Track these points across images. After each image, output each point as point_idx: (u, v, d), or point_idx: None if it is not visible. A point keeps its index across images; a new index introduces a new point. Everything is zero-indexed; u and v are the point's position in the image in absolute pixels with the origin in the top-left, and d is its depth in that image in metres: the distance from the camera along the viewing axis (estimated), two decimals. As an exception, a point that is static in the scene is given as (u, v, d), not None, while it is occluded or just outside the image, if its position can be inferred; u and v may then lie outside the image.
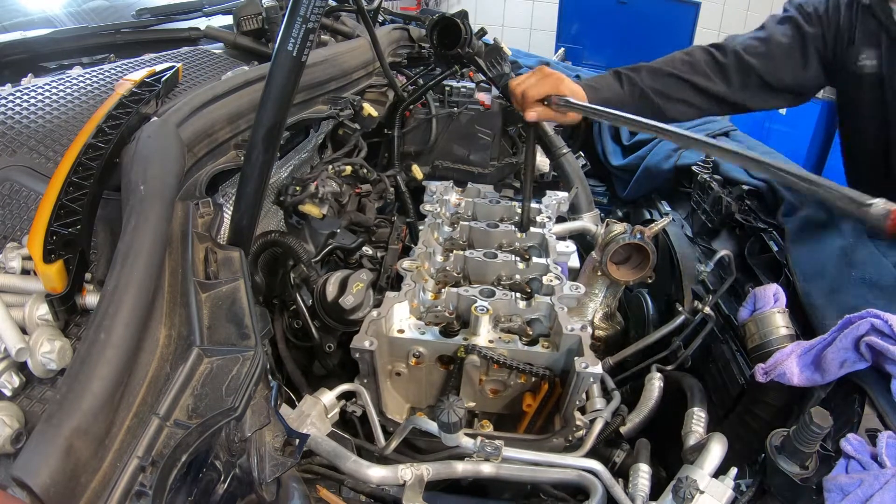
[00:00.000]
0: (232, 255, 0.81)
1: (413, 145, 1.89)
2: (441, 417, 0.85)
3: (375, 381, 1.02)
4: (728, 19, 5.68)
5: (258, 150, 0.82)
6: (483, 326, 1.03)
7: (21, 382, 0.63)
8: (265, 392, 0.70)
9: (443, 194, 1.45)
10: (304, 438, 0.74)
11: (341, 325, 1.10)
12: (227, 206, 1.03)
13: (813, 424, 0.77)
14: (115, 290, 0.62)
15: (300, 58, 0.77)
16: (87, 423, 0.52)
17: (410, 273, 1.13)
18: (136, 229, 0.69)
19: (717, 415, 1.14)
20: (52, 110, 0.97)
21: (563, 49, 5.20)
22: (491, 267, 1.19)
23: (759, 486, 0.87)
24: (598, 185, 2.29)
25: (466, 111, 1.86)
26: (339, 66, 1.54)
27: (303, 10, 0.74)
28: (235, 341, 0.68)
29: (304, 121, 1.34)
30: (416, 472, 0.87)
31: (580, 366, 0.94)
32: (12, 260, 0.70)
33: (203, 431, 0.58)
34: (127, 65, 1.24)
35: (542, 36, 6.46)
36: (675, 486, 0.84)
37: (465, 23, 1.61)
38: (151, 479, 0.53)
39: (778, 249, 1.30)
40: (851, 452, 0.80)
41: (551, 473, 0.90)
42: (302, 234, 1.26)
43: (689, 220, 1.71)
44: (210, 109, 1.04)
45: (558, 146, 1.75)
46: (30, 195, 0.81)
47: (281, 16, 1.42)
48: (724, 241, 1.53)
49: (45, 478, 0.48)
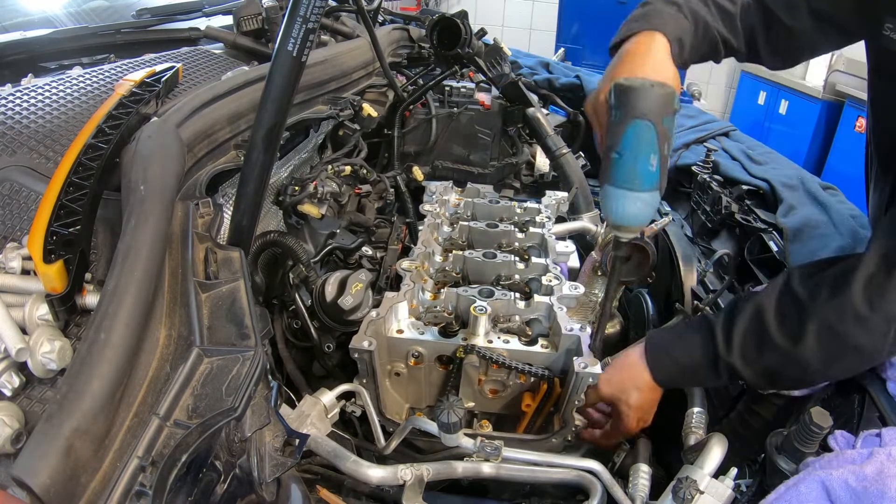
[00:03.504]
0: (232, 255, 0.81)
1: (413, 145, 1.89)
2: (441, 418, 0.85)
3: (375, 382, 1.02)
4: (728, 19, 5.68)
5: (258, 150, 0.82)
6: (482, 326, 1.03)
7: (21, 382, 0.63)
8: (265, 392, 0.70)
9: (442, 194, 1.45)
10: (304, 438, 0.74)
11: (340, 326, 1.10)
12: (227, 206, 1.03)
13: (813, 424, 0.78)
14: (115, 290, 0.62)
15: (300, 58, 0.77)
16: (87, 423, 0.52)
17: (410, 273, 1.13)
18: (136, 229, 0.69)
19: (716, 415, 1.14)
20: (52, 110, 0.98)
21: (563, 49, 5.20)
22: (490, 267, 1.19)
23: (759, 486, 0.87)
24: (597, 186, 2.29)
25: (466, 111, 1.86)
26: (339, 66, 1.54)
27: (303, 10, 0.74)
28: (235, 341, 0.68)
29: (304, 121, 1.34)
30: (415, 472, 0.87)
31: (579, 366, 0.94)
32: (12, 260, 0.70)
33: (203, 431, 0.58)
34: (127, 65, 1.24)
35: (542, 36, 6.46)
36: (675, 486, 0.84)
37: (465, 23, 1.61)
38: (151, 479, 0.53)
39: (778, 249, 1.30)
40: (837, 449, 0.81)
41: (551, 473, 0.90)
42: (301, 234, 1.26)
43: (689, 220, 1.71)
44: (210, 109, 1.04)
45: (558, 146, 1.75)
46: (30, 195, 0.81)
47: (281, 16, 1.42)
48: (724, 241, 1.53)
49: (45, 478, 0.48)
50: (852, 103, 4.38)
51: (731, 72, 6.33)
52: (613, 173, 0.82)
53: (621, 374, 1.02)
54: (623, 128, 0.79)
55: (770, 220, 1.39)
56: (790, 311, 0.87)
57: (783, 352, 0.86)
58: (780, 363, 0.88)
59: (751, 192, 1.51)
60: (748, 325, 0.90)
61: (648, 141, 0.78)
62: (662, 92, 0.79)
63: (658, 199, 0.85)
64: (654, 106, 0.78)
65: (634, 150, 0.79)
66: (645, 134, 0.78)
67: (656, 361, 1.00)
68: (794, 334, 0.85)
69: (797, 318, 0.86)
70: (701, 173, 1.64)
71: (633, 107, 0.77)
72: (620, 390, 1.01)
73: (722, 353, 0.91)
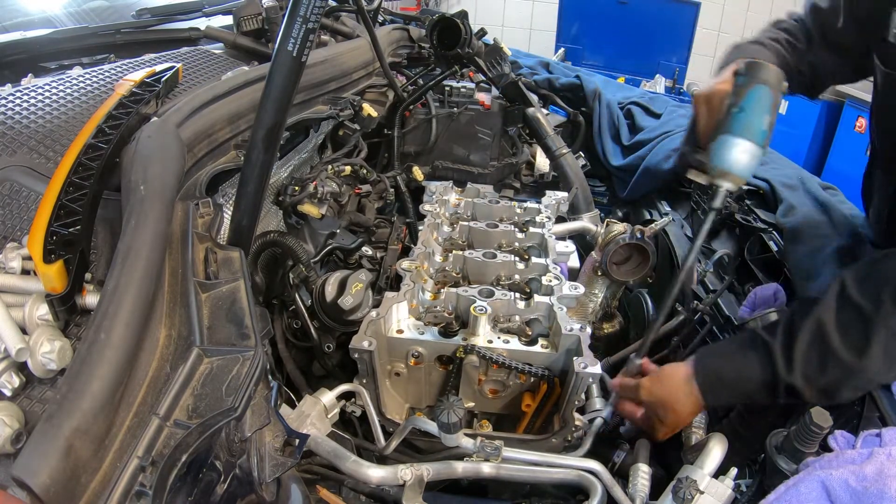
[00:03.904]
0: (232, 255, 0.81)
1: (413, 145, 1.89)
2: (441, 418, 0.85)
3: (375, 382, 1.02)
4: (728, 19, 5.68)
5: (258, 150, 0.82)
6: (482, 326, 1.03)
7: (21, 382, 0.63)
8: (265, 392, 0.70)
9: (442, 194, 1.45)
10: (304, 438, 0.74)
11: (340, 326, 1.10)
12: (227, 206, 1.03)
13: (813, 424, 0.78)
14: (115, 290, 0.62)
15: (300, 58, 0.77)
16: (87, 423, 0.52)
17: (410, 273, 1.13)
18: (136, 229, 0.69)
19: (717, 415, 1.14)
20: (52, 110, 0.97)
21: (563, 49, 5.20)
22: (490, 267, 1.19)
23: (759, 486, 0.87)
24: (598, 185, 2.29)
25: (466, 111, 1.86)
26: (339, 66, 1.54)
27: (303, 10, 0.74)
28: (235, 341, 0.68)
29: (304, 121, 1.34)
30: (416, 472, 0.87)
31: (579, 366, 0.94)
32: (12, 260, 0.70)
33: (203, 431, 0.58)
34: (127, 65, 1.24)
35: (542, 36, 6.46)
36: (675, 486, 0.84)
37: (465, 23, 1.61)
38: (151, 479, 0.53)
39: (778, 249, 1.30)
40: (837, 449, 0.81)
41: (551, 473, 0.90)
42: (301, 234, 1.26)
43: (689, 220, 1.71)
44: (210, 109, 1.04)
45: (558, 146, 1.75)
46: (30, 195, 0.81)
47: (281, 16, 1.42)
48: (724, 241, 1.53)
49: (45, 478, 0.48)
50: (852, 103, 4.38)
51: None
52: (734, 124, 0.95)
53: (664, 390, 0.99)
54: (748, 89, 0.95)
55: (770, 220, 1.39)
56: (854, 323, 0.85)
57: (847, 366, 0.84)
58: (844, 377, 0.86)
59: (751, 192, 1.51)
60: (810, 343, 0.87)
61: (767, 102, 0.95)
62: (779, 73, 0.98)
63: (760, 158, 0.96)
64: (774, 79, 0.96)
65: (755, 107, 0.94)
66: (765, 95, 0.95)
67: (708, 385, 0.96)
68: (860, 347, 0.83)
69: (862, 330, 0.84)
70: (701, 173, 1.64)
71: (758, 75, 0.96)
72: (660, 405, 0.99)
73: (782, 374, 0.88)
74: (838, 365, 0.85)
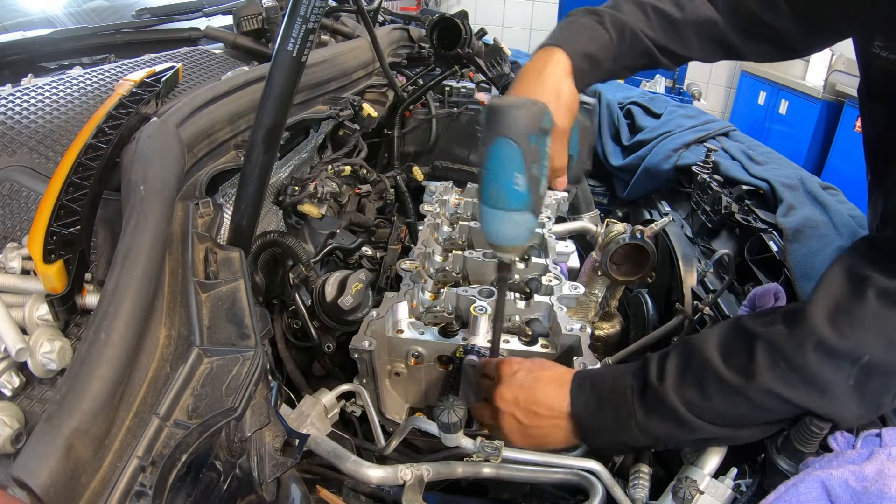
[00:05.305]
0: (232, 255, 0.81)
1: (413, 145, 1.89)
2: (441, 418, 0.85)
3: (375, 382, 1.02)
4: (728, 19, 5.68)
5: (258, 150, 0.82)
6: (482, 326, 1.03)
7: (21, 382, 0.63)
8: (265, 392, 0.70)
9: (442, 194, 1.45)
10: (304, 438, 0.74)
11: (340, 326, 1.10)
12: (227, 206, 1.03)
13: (813, 424, 0.77)
14: (115, 290, 0.62)
15: (300, 58, 0.77)
16: (87, 423, 0.52)
17: (410, 273, 1.13)
18: (136, 229, 0.69)
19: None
20: (52, 110, 0.97)
21: (562, 49, 5.19)
22: (490, 267, 1.19)
23: (759, 486, 0.87)
24: (598, 186, 2.30)
25: (466, 111, 1.86)
26: (339, 66, 1.54)
27: (303, 10, 0.74)
28: (235, 341, 0.68)
29: (304, 121, 1.34)
30: (415, 472, 0.87)
31: (579, 366, 0.94)
32: (12, 260, 0.70)
33: (203, 431, 0.58)
34: (127, 65, 1.24)
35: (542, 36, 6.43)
36: (675, 486, 0.84)
37: (465, 23, 1.61)
38: (151, 479, 0.53)
39: (778, 249, 1.30)
40: (837, 449, 0.81)
41: (551, 473, 0.90)
42: (301, 234, 1.26)
43: (689, 220, 1.71)
44: (210, 109, 1.04)
45: (558, 146, 1.74)
46: (30, 195, 0.81)
47: (281, 16, 1.43)
48: (724, 241, 1.53)
49: (45, 478, 0.48)
50: (852, 103, 4.38)
51: (731, 72, 6.33)
52: (482, 191, 0.80)
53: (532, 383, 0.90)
54: (488, 146, 0.78)
55: (770, 220, 1.39)
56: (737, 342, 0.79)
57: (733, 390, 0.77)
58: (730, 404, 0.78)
59: (751, 192, 1.51)
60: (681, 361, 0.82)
61: (511, 159, 0.76)
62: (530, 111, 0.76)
63: (532, 220, 0.80)
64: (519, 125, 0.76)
65: (498, 169, 0.77)
66: (507, 152, 0.76)
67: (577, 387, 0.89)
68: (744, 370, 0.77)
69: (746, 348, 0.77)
70: (701, 173, 1.64)
71: (498, 126, 0.76)
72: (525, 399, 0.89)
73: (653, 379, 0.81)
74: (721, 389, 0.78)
